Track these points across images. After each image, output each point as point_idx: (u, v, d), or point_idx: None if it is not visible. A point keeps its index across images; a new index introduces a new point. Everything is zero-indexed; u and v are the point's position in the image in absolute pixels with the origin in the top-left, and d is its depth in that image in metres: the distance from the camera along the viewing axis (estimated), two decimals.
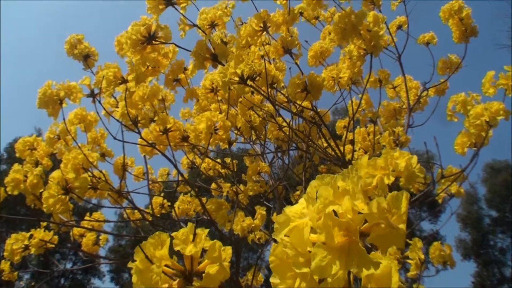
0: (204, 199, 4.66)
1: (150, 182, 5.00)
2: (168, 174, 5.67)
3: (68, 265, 27.11)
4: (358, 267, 0.90)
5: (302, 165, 4.56)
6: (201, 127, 3.17)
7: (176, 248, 1.33)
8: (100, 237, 4.38)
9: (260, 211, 3.59)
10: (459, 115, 3.28)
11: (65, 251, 27.48)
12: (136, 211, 4.23)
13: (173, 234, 1.36)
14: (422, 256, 2.29)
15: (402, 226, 1.00)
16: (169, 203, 4.82)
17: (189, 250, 1.33)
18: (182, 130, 3.37)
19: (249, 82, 2.54)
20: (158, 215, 4.48)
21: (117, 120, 3.29)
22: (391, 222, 0.97)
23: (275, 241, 1.04)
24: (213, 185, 5.12)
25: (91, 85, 3.45)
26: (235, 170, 4.79)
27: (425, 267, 2.53)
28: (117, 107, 3.53)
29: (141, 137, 3.32)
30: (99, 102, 3.26)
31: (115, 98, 3.77)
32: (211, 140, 3.35)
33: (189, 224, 1.35)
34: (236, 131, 4.54)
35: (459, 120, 3.26)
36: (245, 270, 10.04)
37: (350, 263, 0.91)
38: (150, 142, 3.38)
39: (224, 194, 4.26)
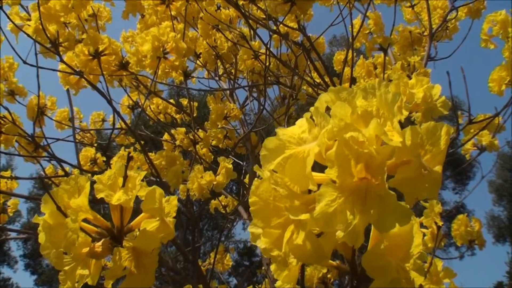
0: (152, 155, 4.62)
1: (78, 131, 4.92)
2: (103, 120, 5.59)
3: None
4: (380, 218, 0.84)
5: (285, 107, 4.53)
6: (145, 48, 3.08)
7: (100, 195, 1.28)
8: (9, 203, 4.30)
9: (225, 163, 3.54)
10: (498, 41, 3.26)
11: None
12: (60, 169, 4.16)
13: (96, 177, 1.31)
14: (440, 223, 2.31)
15: (438, 168, 0.96)
16: (104, 158, 4.75)
17: (117, 198, 1.29)
18: (120, 53, 3.27)
19: None
20: (89, 173, 4.42)
21: (30, 37, 3.17)
22: (423, 162, 0.93)
23: (258, 176, 1.00)
24: (166, 136, 5.07)
25: None
26: (195, 115, 4.74)
27: (443, 237, 2.56)
28: (30, 21, 3.41)
29: (63, 62, 3.22)
30: (3, 11, 3.12)
31: (26, 10, 3.63)
32: (160, 70, 3.28)
33: (117, 163, 1.30)
34: (196, 61, 4.46)
35: (497, 47, 3.23)
36: (208, 254, 10.17)
37: (368, 211, 0.85)
38: (76, 69, 3.28)
39: (178, 142, 4.20)
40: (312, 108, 0.95)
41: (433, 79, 4.01)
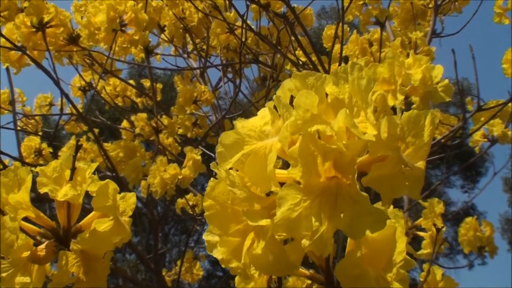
0: (107, 145, 4.61)
1: (20, 116, 4.90)
2: (50, 104, 5.57)
3: None
4: (352, 223, 0.85)
5: (264, 90, 4.55)
6: (98, 19, 3.08)
7: (43, 190, 1.30)
8: None
9: (192, 154, 3.54)
10: None
11: None
12: None
13: (39, 169, 1.33)
14: (441, 225, 2.34)
15: (421, 164, 0.97)
16: (51, 149, 4.74)
17: (64, 193, 1.30)
18: (69, 25, 3.27)
19: None
20: (33, 167, 4.41)
21: None
22: (403, 156, 0.94)
23: (214, 175, 1.01)
24: (124, 123, 5.07)
25: None
26: (159, 98, 4.74)
27: (443, 242, 2.60)
28: None
29: (2, 36, 3.21)
30: None
31: None
32: (116, 46, 3.28)
33: (63, 153, 1.32)
34: (160, 35, 4.46)
35: None
36: (175, 262, 10.20)
37: (337, 216, 0.85)
38: (17, 44, 3.27)
39: (138, 130, 4.20)
40: (274, 97, 0.95)
41: (438, 58, 4.06)
